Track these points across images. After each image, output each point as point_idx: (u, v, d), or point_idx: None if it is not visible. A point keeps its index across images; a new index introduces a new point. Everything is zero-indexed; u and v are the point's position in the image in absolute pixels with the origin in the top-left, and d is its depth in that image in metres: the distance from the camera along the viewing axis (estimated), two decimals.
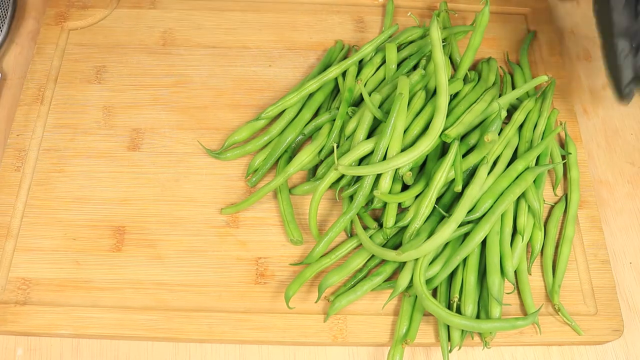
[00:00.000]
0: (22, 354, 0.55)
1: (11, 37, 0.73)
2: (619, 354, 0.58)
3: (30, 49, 0.72)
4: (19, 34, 0.73)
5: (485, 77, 0.67)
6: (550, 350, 0.57)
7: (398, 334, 0.54)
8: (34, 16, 0.75)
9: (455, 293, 0.55)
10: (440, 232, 0.54)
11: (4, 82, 0.69)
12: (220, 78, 0.69)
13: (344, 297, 0.55)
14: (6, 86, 0.69)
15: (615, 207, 0.66)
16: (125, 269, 0.57)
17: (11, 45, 0.72)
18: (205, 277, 0.57)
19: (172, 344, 0.56)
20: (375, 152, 0.57)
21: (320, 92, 0.65)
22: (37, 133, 0.64)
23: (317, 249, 0.57)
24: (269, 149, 0.63)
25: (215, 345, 0.56)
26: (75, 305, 0.55)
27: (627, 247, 0.63)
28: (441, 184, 0.57)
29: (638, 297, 0.61)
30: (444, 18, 0.72)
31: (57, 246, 0.58)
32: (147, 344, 0.56)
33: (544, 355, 0.57)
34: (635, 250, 0.63)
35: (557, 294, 0.57)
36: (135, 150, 0.64)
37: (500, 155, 0.61)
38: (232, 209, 0.60)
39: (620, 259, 0.63)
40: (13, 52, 0.72)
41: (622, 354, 0.58)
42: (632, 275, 0.62)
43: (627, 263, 0.62)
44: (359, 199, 0.57)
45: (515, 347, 0.57)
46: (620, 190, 0.67)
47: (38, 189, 0.61)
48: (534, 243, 0.59)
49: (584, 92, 0.73)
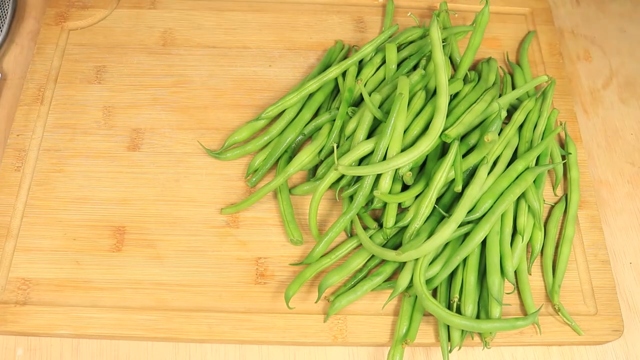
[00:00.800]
0: (22, 354, 0.55)
1: (11, 37, 0.73)
2: (618, 354, 0.58)
3: (30, 49, 0.72)
4: (19, 34, 0.73)
5: (486, 77, 0.67)
6: (550, 350, 0.57)
7: (398, 334, 0.54)
8: (34, 16, 0.75)
9: (455, 293, 0.55)
10: (440, 232, 0.54)
11: (4, 82, 0.69)
12: (220, 78, 0.69)
13: (344, 297, 0.55)
14: (6, 86, 0.69)
15: (615, 207, 0.66)
16: (125, 269, 0.57)
17: (11, 45, 0.73)
18: (205, 277, 0.57)
19: (172, 344, 0.56)
20: (375, 152, 0.57)
21: (320, 92, 0.65)
22: (37, 133, 0.64)
23: (317, 249, 0.57)
24: (269, 149, 0.63)
25: (215, 345, 0.56)
26: (75, 305, 0.55)
27: (627, 247, 0.63)
28: (441, 184, 0.57)
29: (638, 297, 0.61)
30: (444, 18, 0.72)
31: (57, 246, 0.58)
32: (147, 344, 0.56)
33: (544, 356, 0.57)
34: (635, 250, 0.63)
35: (557, 294, 0.57)
36: (135, 151, 0.64)
37: (500, 156, 0.60)
38: (232, 209, 0.60)
39: (620, 259, 0.63)
40: (13, 52, 0.72)
41: (622, 354, 0.58)
42: (632, 275, 0.62)
43: (627, 263, 0.62)
44: (359, 199, 0.57)
45: (515, 348, 0.57)
46: (620, 190, 0.67)
47: (38, 189, 0.61)
48: (534, 243, 0.59)
49: (584, 92, 0.73)
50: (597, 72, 0.75)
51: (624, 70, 0.76)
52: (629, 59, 0.77)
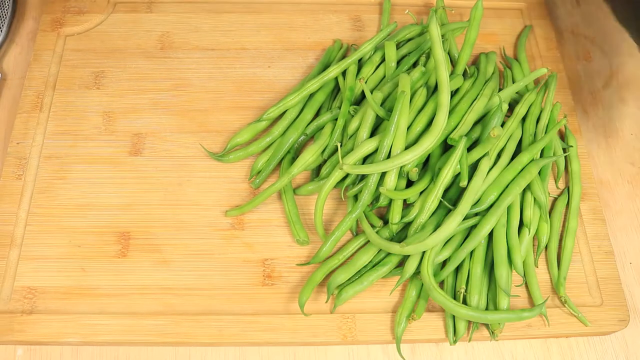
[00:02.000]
0: (22, 354, 0.55)
1: (11, 37, 0.72)
2: (618, 353, 0.58)
3: (30, 49, 0.71)
4: (18, 34, 0.73)
5: (484, 70, 0.67)
6: (550, 349, 0.57)
7: (403, 306, 0.55)
8: (34, 16, 0.74)
9: (461, 284, 0.56)
10: (445, 224, 0.55)
11: (4, 82, 0.69)
12: (219, 80, 0.69)
13: (350, 287, 0.55)
14: (6, 86, 0.69)
15: (615, 207, 0.66)
16: (131, 275, 0.57)
17: (11, 45, 0.72)
18: (212, 280, 0.57)
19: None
20: (379, 151, 0.57)
21: (321, 92, 0.65)
22: (38, 140, 0.64)
23: (324, 249, 0.57)
24: (271, 150, 0.63)
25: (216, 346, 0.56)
26: (82, 312, 0.55)
27: (627, 247, 0.63)
28: (447, 180, 0.57)
29: (638, 297, 0.61)
30: (441, 15, 0.72)
31: (62, 254, 0.58)
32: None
33: (544, 354, 0.57)
34: (635, 250, 0.63)
35: (563, 286, 0.58)
36: (137, 155, 0.63)
37: (504, 148, 0.61)
38: (236, 211, 0.60)
39: (620, 259, 0.62)
40: (13, 53, 0.71)
41: (622, 353, 0.58)
42: (632, 275, 0.62)
43: (627, 263, 0.62)
44: (365, 197, 0.57)
45: (514, 345, 0.57)
46: (620, 190, 0.67)
47: (40, 197, 0.61)
48: (540, 236, 0.60)
49: (584, 92, 0.73)
50: (597, 72, 0.75)
51: (624, 70, 0.75)
52: (629, 59, 0.76)
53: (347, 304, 0.56)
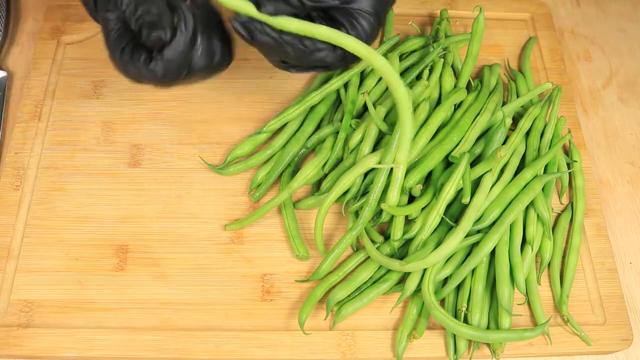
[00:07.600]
0: None
1: (11, 37, 0.72)
2: (619, 354, 0.58)
3: (31, 49, 0.71)
4: (18, 35, 0.72)
5: (487, 83, 0.66)
6: None
7: (404, 325, 0.55)
8: (33, 16, 0.74)
9: (463, 302, 0.55)
10: (447, 242, 0.54)
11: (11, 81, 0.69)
12: (220, 91, 0.68)
13: (350, 304, 0.55)
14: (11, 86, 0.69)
15: (615, 207, 0.66)
16: (129, 289, 0.56)
17: (11, 45, 0.72)
18: (210, 295, 0.57)
19: None
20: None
21: (322, 104, 0.64)
22: (36, 151, 0.63)
23: (324, 265, 0.56)
24: (271, 163, 0.63)
25: None
26: (79, 327, 0.54)
27: (627, 247, 0.63)
28: (450, 196, 0.56)
29: (638, 297, 0.61)
30: (445, 26, 0.72)
31: (59, 267, 0.57)
32: None
33: None
34: (635, 251, 0.63)
35: (566, 304, 0.57)
36: (136, 167, 0.63)
37: (508, 163, 0.60)
38: (236, 225, 0.59)
39: (620, 259, 0.62)
40: (13, 52, 0.71)
41: (622, 354, 0.58)
42: (633, 276, 0.62)
43: (627, 263, 0.62)
44: (366, 214, 0.56)
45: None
46: (620, 190, 0.67)
47: (38, 208, 0.60)
48: (543, 253, 0.59)
49: (584, 92, 0.73)
50: (597, 72, 0.75)
51: (624, 70, 0.76)
52: (629, 59, 0.77)
53: (346, 320, 0.56)
